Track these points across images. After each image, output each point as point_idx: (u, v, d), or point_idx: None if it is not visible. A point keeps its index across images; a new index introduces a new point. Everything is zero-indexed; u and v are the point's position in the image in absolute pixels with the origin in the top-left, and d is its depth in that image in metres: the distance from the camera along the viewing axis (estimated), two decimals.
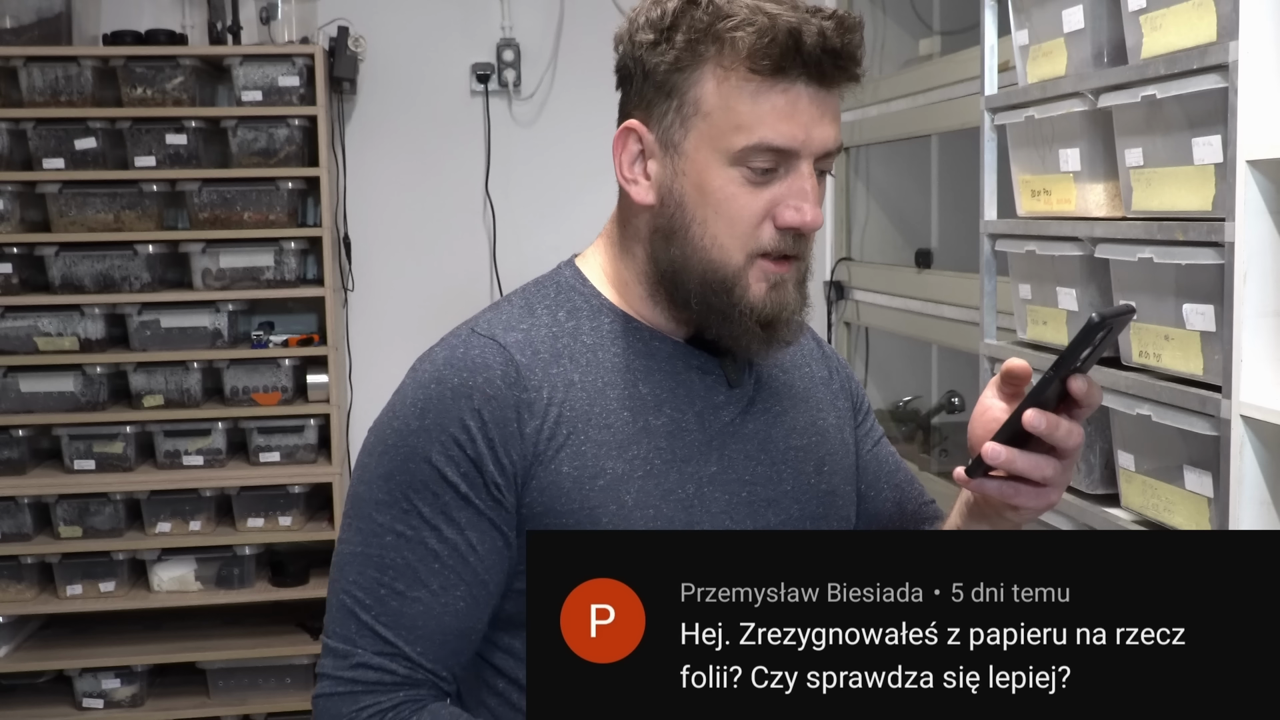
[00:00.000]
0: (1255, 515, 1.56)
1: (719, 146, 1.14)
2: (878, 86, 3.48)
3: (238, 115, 3.39)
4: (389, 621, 1.13)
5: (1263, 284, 1.55)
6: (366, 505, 1.15)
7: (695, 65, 1.14)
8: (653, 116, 1.18)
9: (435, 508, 1.13)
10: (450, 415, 1.14)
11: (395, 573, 1.13)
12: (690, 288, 1.18)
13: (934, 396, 3.52)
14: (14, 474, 3.36)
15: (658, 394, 1.21)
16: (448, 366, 1.16)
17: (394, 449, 1.15)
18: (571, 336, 1.21)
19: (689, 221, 1.17)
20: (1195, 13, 1.63)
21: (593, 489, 1.15)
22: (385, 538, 1.14)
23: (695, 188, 1.16)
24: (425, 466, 1.13)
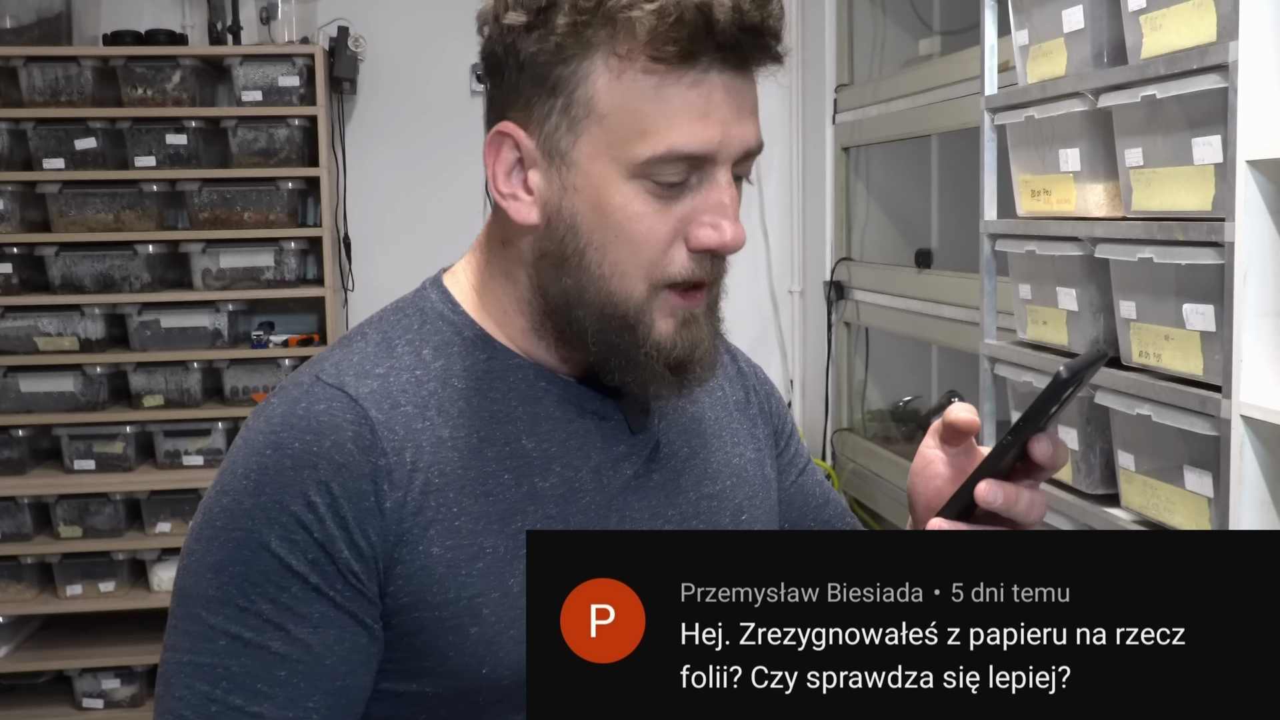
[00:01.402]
0: (1255, 515, 1.56)
1: (619, 156, 0.93)
2: (878, 86, 3.48)
3: (238, 115, 3.39)
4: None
5: (1263, 284, 1.55)
6: (195, 604, 0.93)
7: (583, 54, 0.92)
8: (532, 118, 0.95)
9: (279, 604, 0.91)
10: (292, 490, 0.91)
11: (231, 684, 0.91)
12: (586, 324, 0.97)
13: (934, 396, 3.52)
14: (14, 474, 3.36)
15: (546, 449, 1.00)
16: (286, 428, 0.94)
17: (224, 532, 0.92)
18: (440, 381, 0.99)
19: (584, 246, 0.95)
20: (1195, 13, 1.63)
21: (470, 573, 0.94)
22: (219, 642, 0.91)
23: (590, 206, 0.94)
24: (264, 554, 0.91)
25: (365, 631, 0.94)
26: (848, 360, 3.81)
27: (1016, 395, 2.15)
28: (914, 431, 3.50)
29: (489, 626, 0.94)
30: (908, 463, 3.26)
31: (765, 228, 4.12)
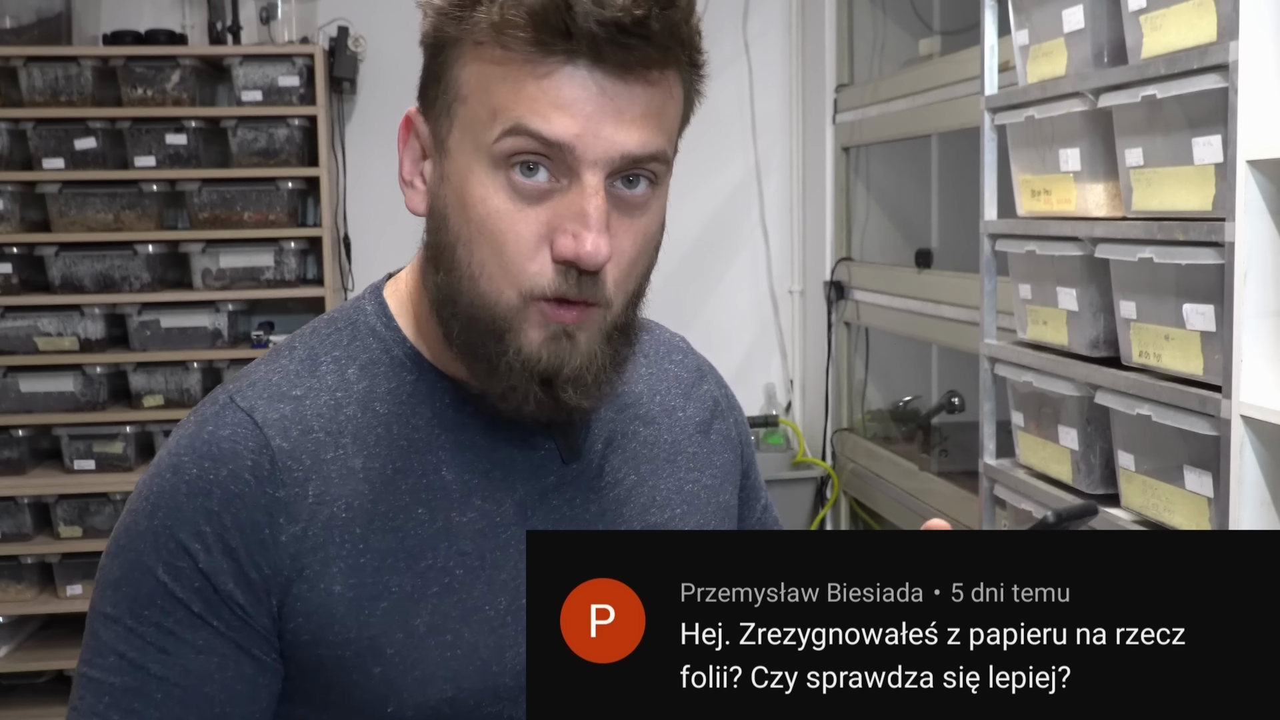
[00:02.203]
0: (1255, 515, 1.56)
1: (479, 141, 0.88)
2: (878, 86, 3.48)
3: (238, 115, 3.39)
4: None
5: (1263, 284, 1.55)
6: (94, 618, 0.93)
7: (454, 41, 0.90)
8: (428, 106, 0.94)
9: (162, 628, 0.90)
10: (182, 517, 0.90)
11: (112, 700, 0.90)
12: (455, 325, 0.92)
13: (934, 396, 3.52)
14: (14, 474, 3.36)
15: (466, 480, 0.95)
16: (189, 451, 0.92)
17: (123, 551, 0.93)
18: (361, 404, 0.95)
19: (454, 241, 0.90)
20: (1195, 13, 1.63)
21: (374, 613, 0.91)
22: (109, 658, 0.91)
23: (457, 197, 0.90)
24: (150, 579, 0.91)
25: (251, 661, 0.91)
26: (848, 360, 3.81)
27: (1016, 395, 2.15)
28: (914, 431, 3.50)
29: (392, 666, 0.92)
30: (908, 463, 3.27)
31: (765, 228, 4.12)
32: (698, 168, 4.06)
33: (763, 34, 4.06)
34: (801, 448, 3.98)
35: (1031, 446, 2.11)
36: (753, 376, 4.15)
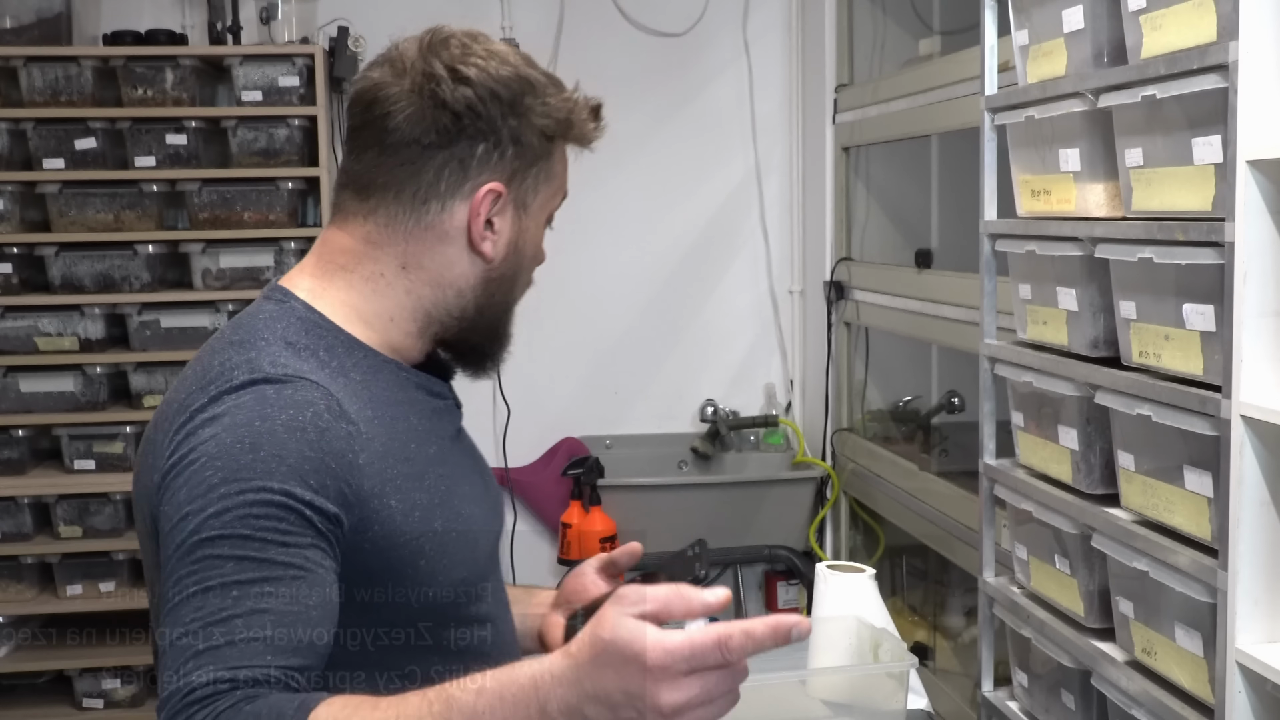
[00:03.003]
0: (1255, 515, 1.56)
1: (548, 208, 1.33)
2: (878, 87, 3.48)
3: (238, 115, 3.39)
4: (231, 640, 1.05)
5: (1263, 284, 1.55)
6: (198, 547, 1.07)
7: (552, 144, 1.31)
8: (514, 177, 1.28)
9: (278, 530, 1.09)
10: (286, 449, 1.11)
11: (239, 593, 1.06)
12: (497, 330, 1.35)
13: (934, 396, 3.52)
14: (14, 474, 3.36)
15: (424, 425, 1.28)
16: (266, 405, 1.13)
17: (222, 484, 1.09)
18: (343, 374, 1.21)
19: (517, 272, 1.33)
20: (1195, 13, 1.63)
21: (412, 520, 1.20)
22: (227, 565, 1.06)
23: (530, 244, 1.33)
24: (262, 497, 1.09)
25: (333, 562, 1.13)
26: (848, 360, 3.81)
27: (1016, 395, 2.15)
28: (914, 431, 3.50)
29: (431, 559, 1.21)
30: (908, 463, 3.27)
31: (765, 228, 4.12)
32: (698, 168, 4.06)
33: (763, 34, 4.06)
34: (801, 448, 3.98)
35: (1031, 446, 2.11)
36: (753, 376, 4.15)
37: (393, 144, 1.25)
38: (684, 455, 4.01)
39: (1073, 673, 1.97)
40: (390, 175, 1.26)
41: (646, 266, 4.06)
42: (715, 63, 4.06)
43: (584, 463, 3.66)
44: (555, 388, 4.02)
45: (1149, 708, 1.76)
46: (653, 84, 3.98)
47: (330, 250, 1.31)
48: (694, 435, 4.03)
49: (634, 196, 4.00)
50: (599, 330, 4.04)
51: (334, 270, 1.29)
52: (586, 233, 3.93)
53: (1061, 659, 1.99)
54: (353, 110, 1.30)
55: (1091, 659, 1.91)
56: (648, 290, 4.08)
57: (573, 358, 4.00)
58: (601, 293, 4.00)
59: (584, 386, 4.02)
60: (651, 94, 3.98)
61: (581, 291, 3.98)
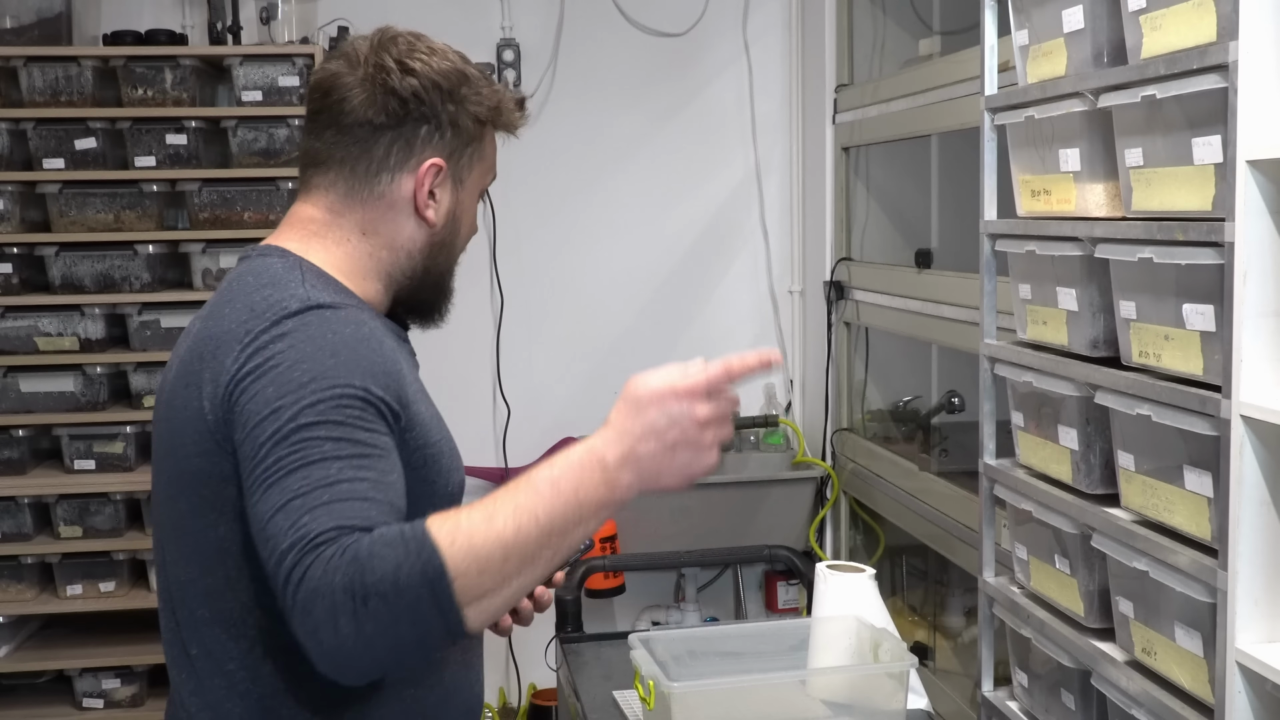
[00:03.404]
0: (1255, 515, 1.56)
1: (481, 182, 1.56)
2: (878, 86, 3.48)
3: (238, 115, 3.39)
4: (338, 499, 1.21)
5: (1263, 284, 1.55)
6: (297, 432, 1.24)
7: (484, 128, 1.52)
8: (452, 155, 1.49)
9: (361, 420, 1.28)
10: (360, 355, 1.33)
11: (340, 465, 1.23)
12: (442, 286, 1.57)
13: (934, 396, 3.52)
14: (14, 474, 3.37)
15: (408, 360, 1.51)
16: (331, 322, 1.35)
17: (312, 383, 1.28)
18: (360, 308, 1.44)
19: (454, 238, 1.55)
20: (1195, 13, 1.63)
21: (430, 428, 1.44)
22: (325, 445, 1.24)
23: (462, 214, 1.55)
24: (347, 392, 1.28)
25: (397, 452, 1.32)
26: (848, 360, 3.81)
27: (1016, 395, 2.15)
28: (914, 431, 3.50)
29: (444, 457, 1.46)
30: (908, 463, 3.27)
31: (765, 228, 4.12)
32: (698, 168, 4.06)
33: (763, 34, 4.06)
34: (801, 448, 3.98)
35: (1031, 446, 2.11)
36: (753, 376, 4.14)
37: (348, 124, 1.46)
38: None
39: (1073, 673, 1.97)
40: (346, 151, 1.47)
41: (646, 266, 4.06)
42: (715, 63, 4.06)
43: None
44: (555, 388, 4.02)
45: (1149, 708, 1.76)
46: (653, 84, 3.98)
47: (300, 220, 1.51)
48: None
49: (634, 196, 4.00)
50: (599, 330, 4.04)
51: (309, 236, 1.49)
52: (587, 233, 3.94)
53: (1061, 659, 1.99)
54: (312, 96, 1.50)
55: (1091, 659, 1.91)
56: (648, 290, 4.08)
57: (573, 358, 4.00)
58: (601, 293, 4.01)
59: (584, 386, 4.02)
60: (651, 94, 3.98)
61: (581, 291, 3.98)
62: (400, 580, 1.15)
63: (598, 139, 3.87)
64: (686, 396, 1.28)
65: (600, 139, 3.87)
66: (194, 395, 1.36)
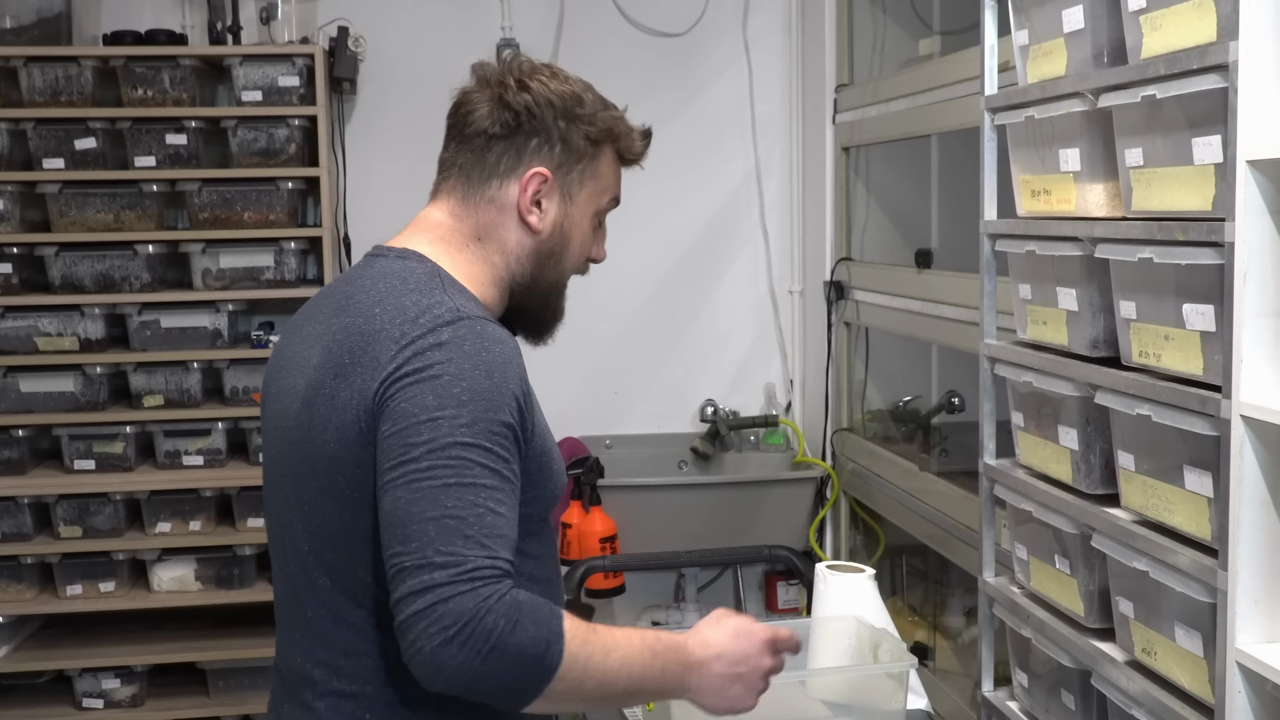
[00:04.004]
0: (1255, 515, 1.56)
1: (594, 199, 1.62)
2: (878, 86, 3.48)
3: (238, 115, 3.39)
4: (489, 533, 1.34)
5: (1263, 284, 1.55)
6: (452, 447, 1.36)
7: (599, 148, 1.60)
8: (560, 168, 1.58)
9: (504, 449, 1.39)
10: (509, 376, 1.43)
11: (487, 495, 1.35)
12: (549, 301, 1.64)
13: (934, 396, 3.52)
14: (14, 474, 3.37)
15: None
16: (484, 338, 1.44)
17: (472, 402, 1.38)
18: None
19: (564, 251, 1.61)
20: (1195, 13, 1.63)
21: (546, 437, 1.53)
22: (474, 469, 1.36)
23: (575, 228, 1.61)
24: (498, 417, 1.40)
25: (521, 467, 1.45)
26: (848, 360, 3.81)
27: (1016, 395, 2.15)
28: (914, 431, 3.50)
29: (556, 464, 1.55)
30: (908, 463, 3.27)
31: (765, 228, 4.12)
32: (698, 168, 4.06)
33: (763, 34, 4.06)
34: (801, 448, 3.98)
35: (1031, 446, 2.11)
36: (753, 376, 4.15)
37: (469, 135, 1.59)
38: (684, 455, 4.01)
39: (1073, 673, 1.97)
40: (465, 159, 1.59)
41: (646, 266, 4.06)
42: (715, 63, 4.06)
43: (584, 463, 3.66)
44: (555, 388, 4.00)
45: (1149, 708, 1.76)
46: (653, 84, 3.98)
47: (427, 224, 1.61)
48: (694, 435, 4.03)
49: (634, 196, 3.97)
50: (599, 330, 4.04)
51: (436, 240, 1.58)
52: None
53: (1061, 659, 1.99)
54: (450, 115, 1.63)
55: (1091, 659, 1.91)
56: (648, 290, 4.08)
57: (573, 358, 3.99)
58: (601, 293, 3.99)
59: (584, 386, 4.02)
60: (651, 94, 3.98)
61: (581, 291, 3.95)
62: (525, 654, 1.32)
63: None
64: (763, 647, 1.50)
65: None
66: (343, 386, 1.44)
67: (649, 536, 3.64)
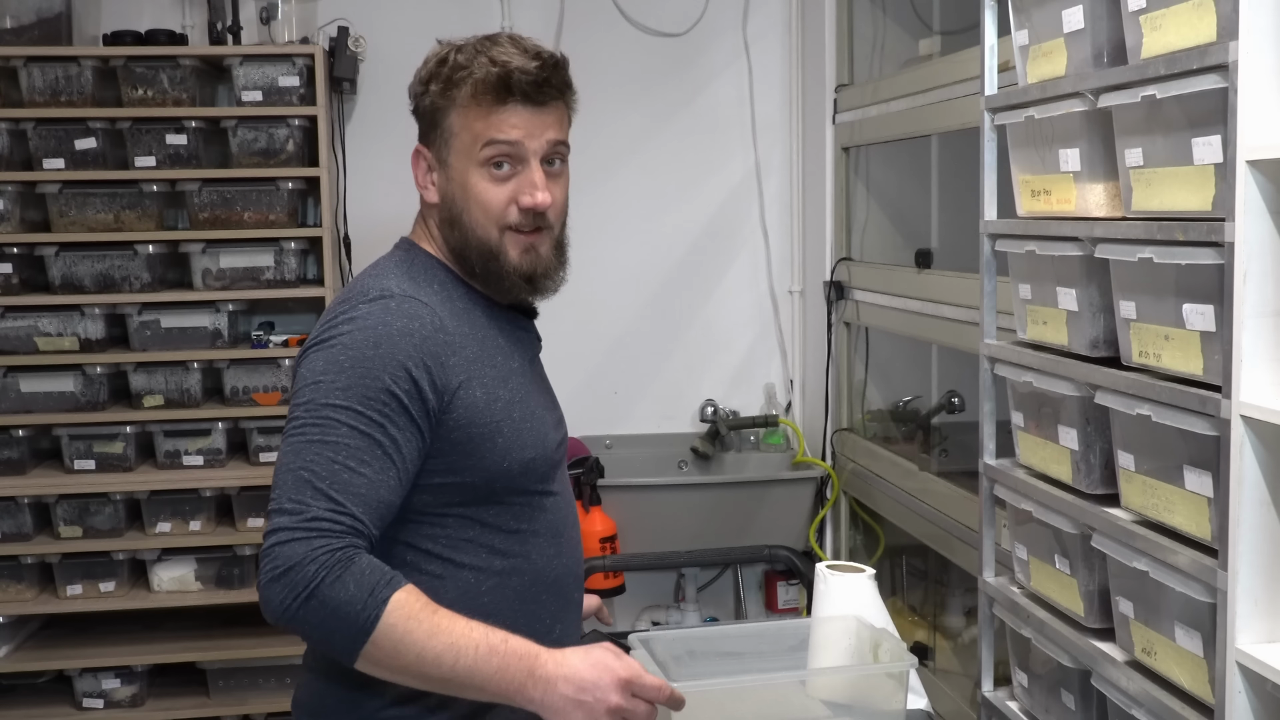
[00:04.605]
0: (1255, 515, 1.56)
1: (469, 155, 1.64)
2: (878, 87, 3.48)
3: (238, 115, 3.39)
4: (340, 488, 1.46)
5: (1263, 284, 1.55)
6: (324, 408, 1.50)
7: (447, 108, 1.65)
8: (426, 139, 1.70)
9: (383, 414, 1.51)
10: (400, 348, 1.54)
11: (348, 453, 1.48)
12: (472, 260, 1.67)
13: (934, 396, 3.52)
14: (14, 474, 3.36)
15: (509, 346, 1.70)
16: (386, 314, 1.56)
17: (350, 368, 1.52)
18: (450, 303, 1.65)
19: (460, 211, 1.66)
20: (1195, 13, 1.63)
21: (496, 408, 1.62)
22: (340, 429, 1.49)
23: (460, 188, 1.66)
24: (377, 384, 1.51)
25: (422, 438, 1.55)
26: (848, 360, 3.81)
27: (1016, 395, 2.15)
28: (914, 431, 3.50)
29: (506, 438, 1.62)
30: (908, 463, 3.27)
31: (765, 228, 4.12)
32: (698, 168, 4.06)
33: (763, 34, 4.06)
34: (801, 448, 3.98)
35: (1031, 446, 2.11)
36: (753, 376, 4.15)
37: None
38: (684, 455, 4.01)
39: (1073, 673, 1.97)
40: None
41: (646, 266, 4.06)
42: (715, 63, 4.06)
43: (584, 462, 3.66)
44: (555, 387, 4.00)
45: (1149, 708, 1.76)
46: (653, 84, 3.97)
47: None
48: (694, 435, 4.03)
49: (634, 196, 4.00)
50: (599, 330, 4.04)
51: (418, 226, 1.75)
52: (586, 233, 3.89)
53: (1061, 659, 1.99)
54: None
55: (1091, 659, 1.91)
56: (648, 290, 4.08)
57: (573, 358, 3.99)
58: (601, 293, 4.00)
59: (584, 386, 4.02)
60: (651, 94, 3.98)
61: (581, 291, 3.95)
62: (340, 609, 1.42)
63: (597, 139, 3.86)
64: (614, 683, 1.46)
65: (600, 139, 3.86)
66: None
67: (649, 536, 3.64)
